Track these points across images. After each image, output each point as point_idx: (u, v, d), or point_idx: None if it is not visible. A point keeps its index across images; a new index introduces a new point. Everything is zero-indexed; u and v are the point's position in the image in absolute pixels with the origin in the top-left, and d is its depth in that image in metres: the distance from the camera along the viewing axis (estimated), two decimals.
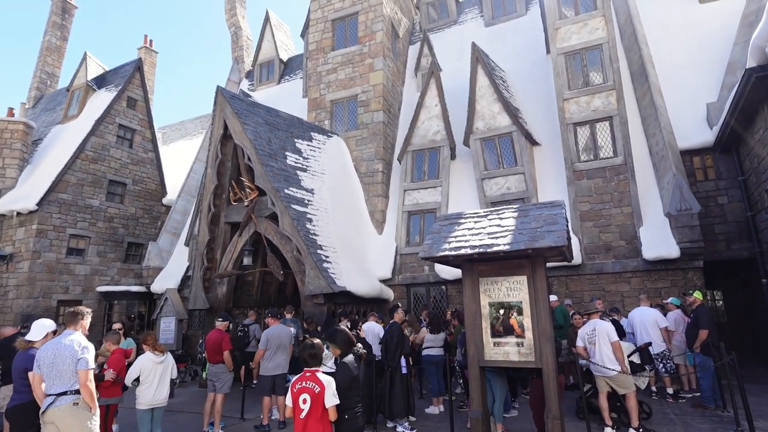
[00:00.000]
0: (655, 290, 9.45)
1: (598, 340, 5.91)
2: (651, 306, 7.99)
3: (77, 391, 3.82)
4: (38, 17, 72.69)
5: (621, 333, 6.75)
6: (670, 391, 7.48)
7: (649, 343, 6.79)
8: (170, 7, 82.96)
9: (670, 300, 8.01)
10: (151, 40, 24.32)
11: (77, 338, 3.93)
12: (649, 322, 7.46)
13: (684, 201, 8.95)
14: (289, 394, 3.35)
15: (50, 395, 3.78)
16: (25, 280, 13.97)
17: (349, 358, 3.70)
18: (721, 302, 13.88)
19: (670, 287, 9.36)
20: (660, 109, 10.37)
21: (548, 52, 13.14)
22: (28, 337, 4.40)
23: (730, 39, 11.34)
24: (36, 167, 16.10)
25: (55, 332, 4.45)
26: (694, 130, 10.64)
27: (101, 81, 18.87)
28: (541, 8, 12.59)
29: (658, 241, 9.36)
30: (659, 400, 7.44)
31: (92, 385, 3.88)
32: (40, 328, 4.34)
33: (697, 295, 7.11)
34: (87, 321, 4.17)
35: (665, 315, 7.87)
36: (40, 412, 3.85)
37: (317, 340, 3.61)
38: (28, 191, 15.00)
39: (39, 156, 16.68)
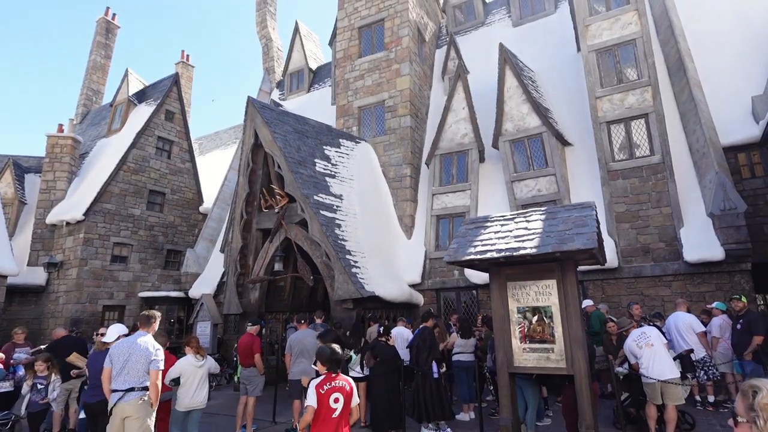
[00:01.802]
0: (698, 294, 8.99)
1: (656, 342, 5.60)
2: (688, 311, 7.52)
3: (144, 388, 4.15)
4: (84, 39, 77.00)
5: None
6: (711, 399, 7.08)
7: (691, 350, 6.46)
8: (206, 23, 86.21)
9: (714, 305, 7.59)
10: (188, 55, 25.37)
11: (150, 340, 4.32)
12: (684, 327, 7.00)
13: (728, 200, 8.48)
14: (313, 396, 3.22)
15: (118, 390, 4.10)
16: (74, 286, 14.76)
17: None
18: None
19: (715, 291, 8.87)
20: (700, 104, 9.90)
21: (579, 50, 12.79)
22: (104, 339, 4.88)
23: None
24: (83, 179, 17.05)
25: (126, 335, 4.84)
26: (738, 125, 10.10)
27: (141, 95, 19.80)
28: (571, 5, 12.29)
29: (701, 242, 8.90)
30: (704, 410, 7.05)
31: (160, 384, 4.26)
32: (115, 331, 4.81)
33: (744, 299, 6.71)
34: (157, 324, 4.60)
35: (710, 321, 7.47)
36: (110, 406, 4.15)
37: (335, 346, 3.62)
38: (75, 202, 15.89)
39: (85, 168, 17.65)
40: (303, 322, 7.22)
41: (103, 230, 15.72)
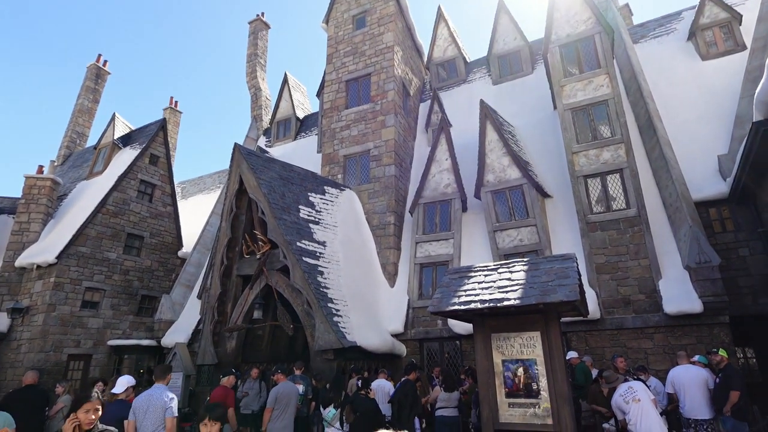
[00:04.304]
0: (680, 347, 8.97)
1: (642, 397, 5.42)
2: (692, 364, 7.09)
3: None
4: (72, 81, 77.93)
5: None
6: None
7: (676, 406, 6.36)
8: (196, 70, 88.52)
9: (696, 358, 7.55)
10: (176, 102, 25.83)
11: (166, 391, 4.86)
12: (698, 382, 6.60)
13: (702, 253, 8.72)
14: None
15: None
16: (39, 334, 13.98)
17: None
18: (754, 360, 13.09)
19: (696, 344, 8.90)
20: (670, 161, 10.39)
21: (555, 107, 13.48)
22: (114, 390, 5.42)
23: (735, 93, 11.53)
24: (59, 221, 16.62)
25: (134, 387, 5.58)
26: (707, 181, 10.58)
27: (127, 139, 19.83)
28: (546, 67, 13.06)
29: (679, 294, 9.04)
30: None
31: (175, 430, 4.71)
32: (123, 383, 5.48)
33: (722, 353, 6.71)
34: (171, 375, 5.28)
35: None
36: None
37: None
38: (49, 245, 15.38)
39: (63, 210, 17.26)
40: (282, 373, 6.93)
41: (75, 274, 15.14)
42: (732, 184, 9.69)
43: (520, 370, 4.92)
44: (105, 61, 23.38)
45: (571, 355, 8.45)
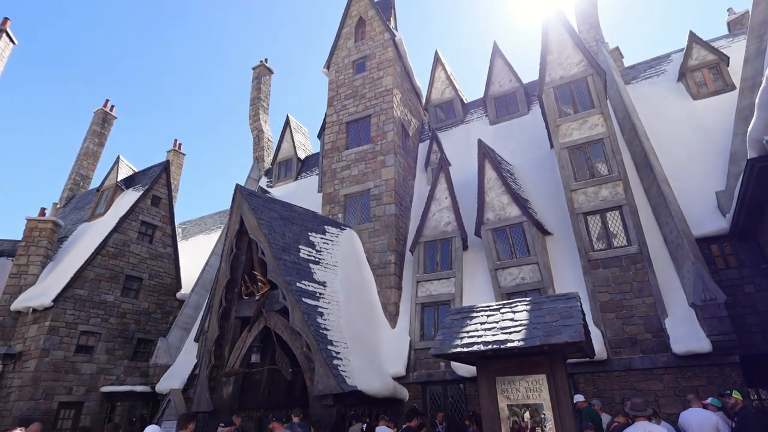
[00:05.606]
0: (691, 389, 8.69)
1: None
2: (704, 407, 6.91)
3: None
4: (76, 124, 79.74)
5: None
6: None
7: None
8: (200, 112, 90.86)
9: (709, 401, 7.29)
10: (180, 144, 26.37)
11: None
12: (709, 427, 6.38)
13: (707, 290, 8.59)
14: None
15: None
16: (30, 381, 13.57)
17: None
18: None
19: (707, 385, 8.61)
20: (669, 198, 10.44)
21: (552, 146, 13.71)
22: None
23: (727, 131, 11.76)
24: (57, 263, 16.53)
25: None
26: (707, 217, 10.59)
27: (130, 181, 20.06)
28: (542, 107, 13.39)
29: (687, 333, 8.83)
30: None
31: None
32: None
33: (736, 395, 6.47)
34: (193, 425, 5.37)
35: None
36: None
37: None
38: (46, 287, 15.22)
39: (62, 252, 17.21)
40: (277, 421, 6.67)
41: (71, 318, 14.88)
42: (732, 220, 9.70)
43: (527, 416, 4.73)
44: (112, 106, 24.06)
45: (578, 398, 8.15)
